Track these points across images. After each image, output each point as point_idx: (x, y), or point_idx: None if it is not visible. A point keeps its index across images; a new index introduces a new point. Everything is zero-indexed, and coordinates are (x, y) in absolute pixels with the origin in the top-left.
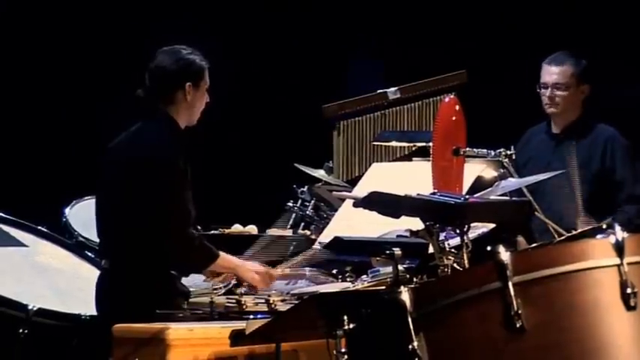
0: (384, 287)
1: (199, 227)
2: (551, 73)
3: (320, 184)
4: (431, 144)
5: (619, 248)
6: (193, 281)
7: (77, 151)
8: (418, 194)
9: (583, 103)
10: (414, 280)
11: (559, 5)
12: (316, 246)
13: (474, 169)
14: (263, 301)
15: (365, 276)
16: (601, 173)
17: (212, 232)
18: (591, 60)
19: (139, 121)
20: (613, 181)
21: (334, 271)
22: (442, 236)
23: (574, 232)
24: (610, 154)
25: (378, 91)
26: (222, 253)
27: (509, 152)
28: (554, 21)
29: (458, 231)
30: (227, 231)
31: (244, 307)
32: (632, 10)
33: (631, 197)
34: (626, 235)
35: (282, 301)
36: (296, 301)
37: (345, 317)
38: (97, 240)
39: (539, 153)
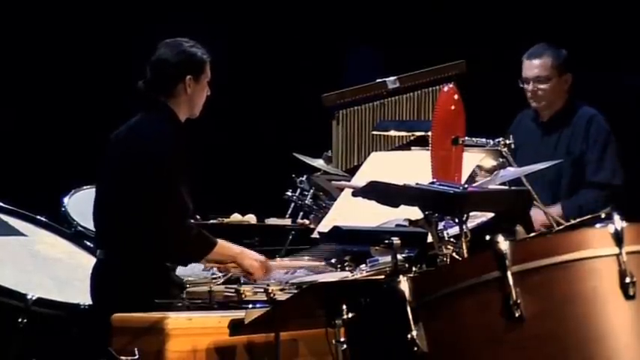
0: (383, 277)
1: (198, 217)
2: (532, 67)
3: (319, 173)
4: (430, 133)
5: (618, 237)
6: (192, 270)
7: (76, 141)
8: (417, 183)
9: (567, 92)
10: (413, 269)
11: None
12: (315, 235)
13: (473, 159)
14: (262, 290)
15: (364, 265)
16: (580, 158)
17: (211, 221)
18: (591, 48)
19: (139, 112)
20: (582, 164)
21: (333, 261)
22: (441, 225)
23: (572, 222)
24: (586, 139)
25: (378, 80)
26: (220, 241)
27: (508, 141)
28: (553, 10)
29: (457, 220)
30: (226, 220)
31: (243, 296)
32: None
33: (591, 183)
34: (625, 224)
35: (282, 290)
36: (295, 291)
37: (344, 306)
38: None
39: (527, 141)
